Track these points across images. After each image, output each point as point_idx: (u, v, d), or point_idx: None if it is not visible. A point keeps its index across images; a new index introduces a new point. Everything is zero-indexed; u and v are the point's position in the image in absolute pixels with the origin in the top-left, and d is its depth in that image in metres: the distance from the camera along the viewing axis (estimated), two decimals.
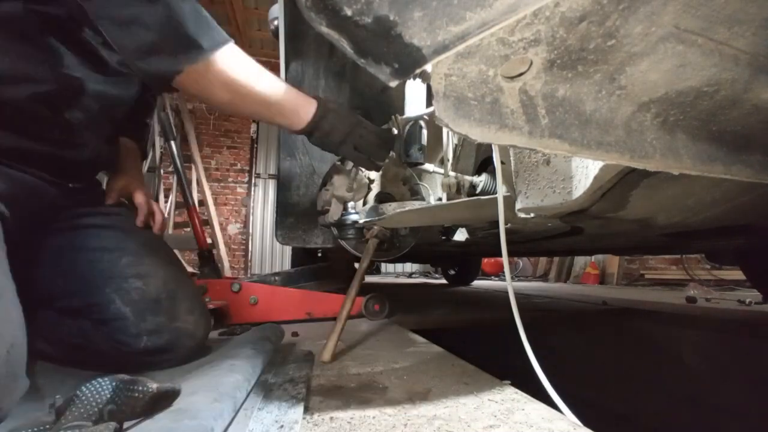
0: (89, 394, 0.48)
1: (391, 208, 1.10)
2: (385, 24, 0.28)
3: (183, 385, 0.60)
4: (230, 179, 6.69)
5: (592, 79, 0.42)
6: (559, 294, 3.22)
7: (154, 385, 0.52)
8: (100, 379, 0.50)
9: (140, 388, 0.51)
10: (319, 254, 2.33)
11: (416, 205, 1.17)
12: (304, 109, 0.88)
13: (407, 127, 1.07)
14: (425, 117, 1.07)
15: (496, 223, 0.76)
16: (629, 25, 0.36)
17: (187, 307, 0.90)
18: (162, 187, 5.62)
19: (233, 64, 0.77)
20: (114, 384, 0.50)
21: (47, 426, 0.46)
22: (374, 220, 1.08)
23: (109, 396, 0.48)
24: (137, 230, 0.99)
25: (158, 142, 5.36)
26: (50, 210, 0.86)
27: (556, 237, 1.23)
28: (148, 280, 0.87)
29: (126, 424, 0.50)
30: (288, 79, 1.28)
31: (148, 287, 0.86)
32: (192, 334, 0.89)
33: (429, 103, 1.04)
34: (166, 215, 1.04)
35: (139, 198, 1.03)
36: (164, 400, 0.54)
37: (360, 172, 1.14)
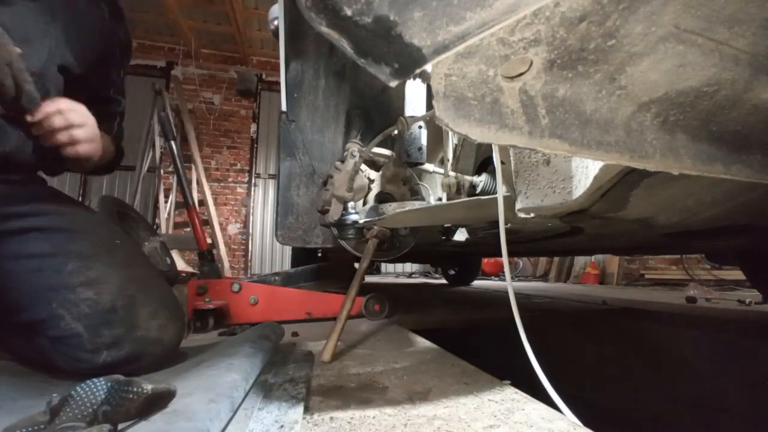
0: (84, 395, 0.48)
1: (391, 208, 1.10)
2: (385, 24, 0.28)
3: (179, 385, 0.60)
4: (230, 179, 6.69)
5: (592, 79, 0.42)
6: (559, 294, 3.22)
7: (149, 386, 0.52)
8: (95, 380, 0.50)
9: (135, 389, 0.51)
10: (319, 254, 2.33)
11: (416, 205, 1.17)
12: None
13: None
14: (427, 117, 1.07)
15: (496, 223, 0.76)
16: (629, 25, 0.36)
17: (150, 311, 0.80)
18: (162, 187, 5.62)
19: None
20: (109, 385, 0.49)
21: (42, 426, 0.46)
22: (374, 220, 1.08)
23: (103, 397, 0.48)
24: (90, 228, 0.84)
25: (158, 142, 5.36)
26: None
27: (556, 237, 1.23)
28: (100, 287, 0.76)
29: (120, 426, 0.50)
30: (288, 79, 1.28)
31: (100, 296, 0.75)
32: (157, 340, 0.80)
33: (429, 103, 1.04)
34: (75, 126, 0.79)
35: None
36: (160, 401, 0.54)
37: (360, 172, 1.14)
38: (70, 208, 0.87)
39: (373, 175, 1.25)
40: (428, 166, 1.13)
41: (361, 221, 1.13)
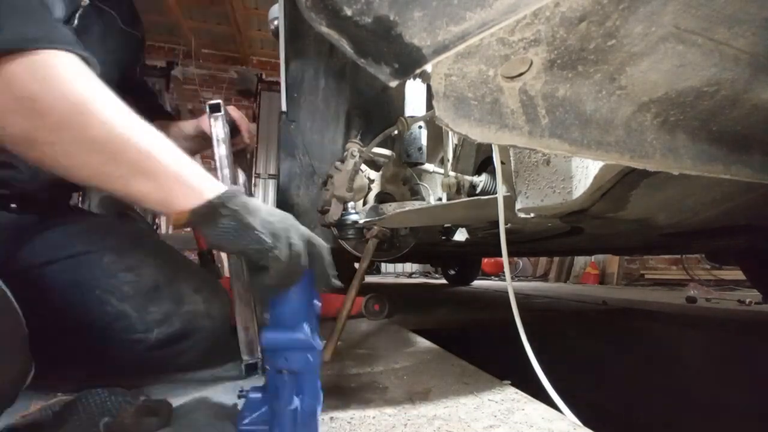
0: (87, 405, 0.48)
1: (391, 208, 1.10)
2: (385, 24, 0.27)
3: (180, 400, 0.59)
4: None
5: (592, 79, 0.42)
6: (559, 294, 3.22)
7: (142, 398, 0.52)
8: (98, 390, 0.49)
9: (133, 400, 0.51)
10: None
11: (416, 205, 1.17)
12: (197, 184, 0.52)
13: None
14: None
15: (496, 223, 0.76)
16: (629, 25, 0.36)
17: (193, 286, 0.81)
18: None
19: (54, 77, 0.49)
20: (107, 395, 0.49)
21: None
22: (374, 220, 1.08)
23: (107, 406, 0.48)
24: (115, 227, 0.88)
25: None
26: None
27: (556, 237, 1.23)
28: (139, 271, 0.77)
29: None
30: (288, 79, 1.27)
31: (141, 278, 0.76)
32: (205, 314, 0.81)
33: (429, 103, 1.03)
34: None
35: (234, 114, 0.98)
36: (159, 412, 0.53)
37: (360, 172, 1.14)
38: (89, 217, 0.93)
39: (373, 175, 1.25)
40: (428, 166, 1.13)
41: (361, 221, 1.13)
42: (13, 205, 0.78)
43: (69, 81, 0.50)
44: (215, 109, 0.89)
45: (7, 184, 0.76)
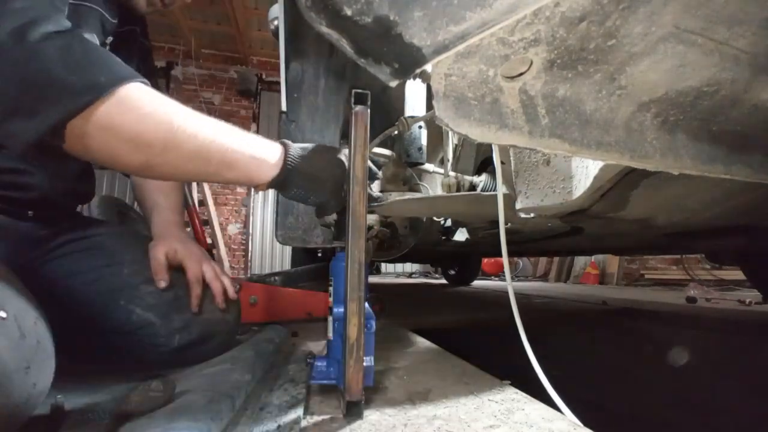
0: None
1: (391, 196, 1.09)
2: (385, 24, 0.28)
3: (181, 383, 0.60)
4: None
5: (592, 79, 0.42)
6: (559, 294, 3.22)
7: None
8: None
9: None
10: (319, 254, 2.33)
11: (416, 195, 1.16)
12: (266, 157, 0.66)
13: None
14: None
15: (496, 223, 0.76)
16: (629, 25, 0.36)
17: (210, 295, 0.87)
18: None
19: (139, 108, 0.57)
20: None
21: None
22: (373, 206, 1.08)
23: None
24: (132, 239, 0.92)
25: None
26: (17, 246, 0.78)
27: (556, 237, 1.23)
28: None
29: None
30: (288, 79, 1.27)
31: (161, 288, 0.82)
32: (222, 320, 0.88)
33: (429, 103, 1.03)
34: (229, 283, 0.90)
35: (190, 271, 0.85)
36: (163, 390, 0.55)
37: None
38: (108, 229, 0.95)
39: None
40: (428, 166, 1.13)
41: None
42: (30, 213, 0.81)
43: (154, 111, 0.59)
44: None
45: (25, 187, 0.79)
